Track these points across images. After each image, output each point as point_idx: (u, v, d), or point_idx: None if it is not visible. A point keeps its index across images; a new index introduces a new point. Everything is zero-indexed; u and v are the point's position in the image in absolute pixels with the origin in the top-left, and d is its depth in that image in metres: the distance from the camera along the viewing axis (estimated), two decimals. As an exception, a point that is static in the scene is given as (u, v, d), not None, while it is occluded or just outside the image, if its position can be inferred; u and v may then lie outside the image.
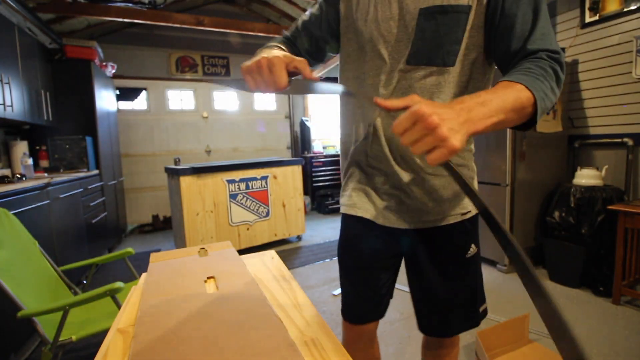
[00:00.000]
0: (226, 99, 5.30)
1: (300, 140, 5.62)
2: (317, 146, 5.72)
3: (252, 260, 0.87)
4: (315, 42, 0.88)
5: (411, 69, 0.72)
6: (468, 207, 0.81)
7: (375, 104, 0.54)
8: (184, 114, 4.98)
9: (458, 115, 0.48)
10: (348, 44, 0.82)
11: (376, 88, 0.76)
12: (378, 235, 0.84)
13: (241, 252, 0.87)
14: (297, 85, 0.62)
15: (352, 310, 0.91)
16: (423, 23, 0.68)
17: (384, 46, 0.73)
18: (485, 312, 0.89)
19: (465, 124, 0.48)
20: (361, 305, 0.89)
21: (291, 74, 0.62)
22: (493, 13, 0.66)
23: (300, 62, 0.62)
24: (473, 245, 0.83)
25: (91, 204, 3.00)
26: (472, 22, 0.67)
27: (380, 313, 0.91)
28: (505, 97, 0.53)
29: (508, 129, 2.51)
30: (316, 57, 0.91)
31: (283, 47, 0.82)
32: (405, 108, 0.50)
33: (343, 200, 0.89)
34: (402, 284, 2.42)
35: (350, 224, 0.88)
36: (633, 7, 2.39)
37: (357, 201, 0.84)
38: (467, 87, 0.73)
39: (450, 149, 0.45)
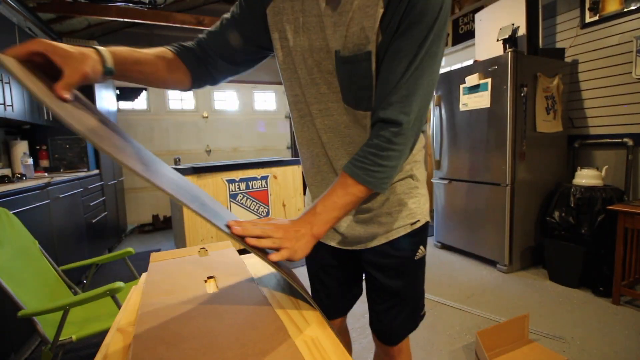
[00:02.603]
0: (226, 99, 5.30)
1: (301, 140, 5.63)
2: (317, 146, 5.72)
3: (252, 260, 0.87)
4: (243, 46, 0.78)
5: (346, 107, 0.71)
6: (417, 217, 0.82)
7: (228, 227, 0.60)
8: (184, 114, 4.98)
9: (301, 227, 0.62)
10: (284, 62, 0.75)
11: (310, 114, 0.76)
12: (328, 250, 0.91)
13: (241, 252, 0.87)
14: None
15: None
16: (340, 65, 0.67)
17: (318, 76, 0.71)
18: (424, 315, 0.93)
19: (305, 236, 0.62)
20: (323, 305, 0.94)
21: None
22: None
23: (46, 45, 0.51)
24: (422, 247, 0.85)
25: (91, 204, 3.00)
26: (375, 65, 0.65)
27: (343, 311, 1.00)
28: (337, 200, 0.64)
29: (508, 129, 2.51)
30: (241, 64, 0.82)
31: (174, 52, 0.76)
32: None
33: None
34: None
35: None
36: (633, 7, 2.39)
37: None
38: None
39: (289, 255, 0.59)
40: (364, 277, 0.95)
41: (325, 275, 0.96)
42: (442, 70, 4.12)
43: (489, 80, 2.64)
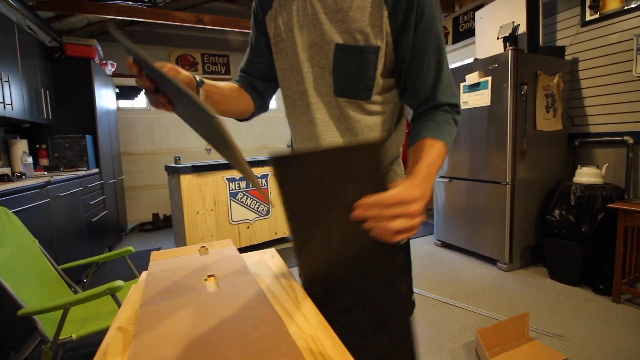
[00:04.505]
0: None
1: (300, 139, 5.64)
2: (317, 145, 5.73)
3: (252, 258, 0.87)
4: (267, 70, 0.88)
5: (339, 98, 0.76)
6: None
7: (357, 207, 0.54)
8: (183, 113, 4.97)
9: (424, 196, 0.56)
10: (279, 62, 0.83)
11: (308, 111, 0.80)
12: None
13: (241, 250, 0.87)
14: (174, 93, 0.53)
15: None
16: (339, 57, 0.72)
17: (310, 71, 0.76)
18: (414, 302, 0.92)
19: (424, 201, 0.57)
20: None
21: None
22: (402, 59, 0.71)
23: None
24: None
25: (91, 203, 3.00)
26: (383, 60, 0.71)
27: None
28: (437, 161, 0.65)
29: (509, 127, 2.51)
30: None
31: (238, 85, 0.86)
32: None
33: None
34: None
35: None
36: (633, 5, 2.39)
37: None
38: (388, 115, 0.80)
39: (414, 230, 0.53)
40: None
41: None
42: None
43: (489, 78, 2.63)
